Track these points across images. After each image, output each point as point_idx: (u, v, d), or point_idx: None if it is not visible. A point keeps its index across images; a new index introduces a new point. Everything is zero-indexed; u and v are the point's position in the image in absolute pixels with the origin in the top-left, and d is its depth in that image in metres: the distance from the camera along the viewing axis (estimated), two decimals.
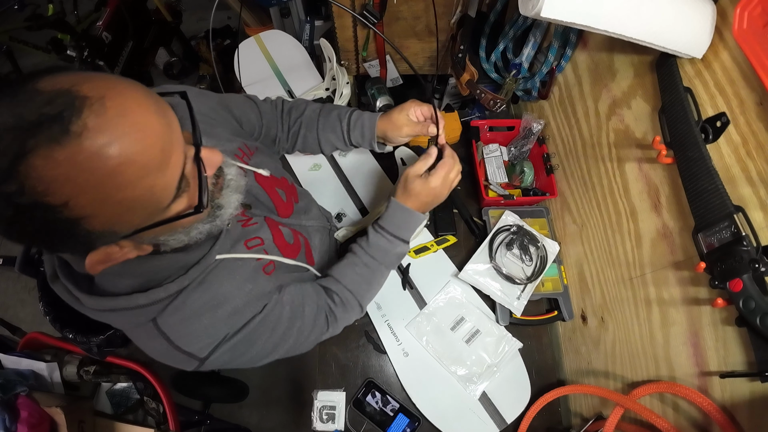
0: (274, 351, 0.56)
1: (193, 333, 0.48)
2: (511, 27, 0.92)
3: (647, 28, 0.50)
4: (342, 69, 0.99)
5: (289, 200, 0.71)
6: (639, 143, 0.64)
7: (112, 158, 0.30)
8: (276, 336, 0.55)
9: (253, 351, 0.53)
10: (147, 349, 0.50)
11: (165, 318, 0.46)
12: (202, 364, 0.50)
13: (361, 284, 0.66)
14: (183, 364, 0.50)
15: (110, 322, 0.48)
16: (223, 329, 0.50)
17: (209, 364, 0.51)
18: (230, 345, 0.51)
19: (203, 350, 0.49)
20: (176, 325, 0.47)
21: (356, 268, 0.66)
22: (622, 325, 0.70)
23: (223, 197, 0.45)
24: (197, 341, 0.49)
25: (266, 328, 0.54)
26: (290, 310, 0.57)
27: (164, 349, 0.48)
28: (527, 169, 0.99)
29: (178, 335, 0.47)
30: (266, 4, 1.30)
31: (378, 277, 0.68)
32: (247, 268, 0.54)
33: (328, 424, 0.80)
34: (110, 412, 1.01)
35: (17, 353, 0.97)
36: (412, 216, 0.65)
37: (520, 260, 0.88)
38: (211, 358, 0.50)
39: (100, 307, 0.45)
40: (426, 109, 0.71)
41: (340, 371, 0.86)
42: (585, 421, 0.75)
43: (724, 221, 0.46)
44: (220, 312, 0.49)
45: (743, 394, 0.48)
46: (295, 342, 0.58)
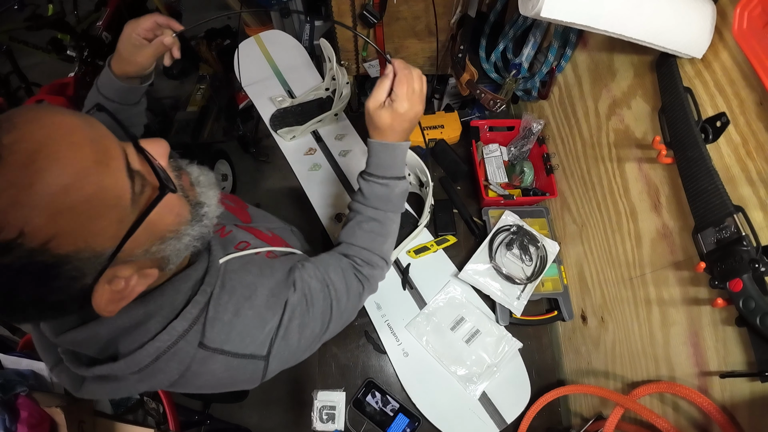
0: (324, 326, 0.54)
1: (244, 332, 0.46)
2: (511, 27, 0.92)
3: (647, 28, 0.50)
4: (342, 69, 0.99)
5: (241, 207, 0.74)
6: (639, 143, 0.64)
7: (38, 162, 0.28)
8: (317, 309, 0.53)
9: (306, 332, 0.52)
10: (211, 381, 0.46)
11: (209, 335, 0.44)
12: (267, 364, 0.48)
13: (375, 239, 0.62)
14: (249, 374, 0.48)
15: (160, 381, 0.44)
16: (269, 316, 0.48)
17: (274, 364, 0.49)
18: (283, 332, 0.49)
19: (262, 346, 0.47)
20: (224, 333, 0.45)
21: (363, 225, 0.62)
22: (622, 325, 0.70)
23: (200, 194, 0.44)
24: (251, 338, 0.46)
25: (306, 305, 0.52)
26: (317, 281, 0.55)
27: (225, 365, 0.45)
28: (527, 169, 0.99)
29: (230, 341, 0.45)
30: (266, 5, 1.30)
31: (389, 225, 0.63)
32: (254, 260, 0.55)
33: (328, 424, 0.80)
34: (110, 412, 1.00)
35: (17, 353, 0.97)
36: (396, 150, 0.58)
37: (520, 260, 0.88)
38: (273, 352, 0.48)
39: (142, 363, 0.41)
40: (149, 23, 0.57)
41: (340, 371, 0.86)
42: (585, 421, 0.75)
43: (723, 221, 0.46)
44: (257, 300, 0.48)
45: (743, 394, 0.48)
46: (338, 309, 0.56)
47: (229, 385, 0.48)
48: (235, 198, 0.77)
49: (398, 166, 0.60)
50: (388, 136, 0.57)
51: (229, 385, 0.49)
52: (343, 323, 0.60)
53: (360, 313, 0.89)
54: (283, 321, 0.49)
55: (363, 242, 0.62)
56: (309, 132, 1.08)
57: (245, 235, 0.61)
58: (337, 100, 1.05)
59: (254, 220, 0.73)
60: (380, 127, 0.56)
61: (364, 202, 0.61)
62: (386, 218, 0.62)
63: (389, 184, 0.60)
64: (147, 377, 0.43)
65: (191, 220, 0.42)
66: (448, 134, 1.04)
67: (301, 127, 1.05)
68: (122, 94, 0.62)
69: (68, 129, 0.31)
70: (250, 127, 2.03)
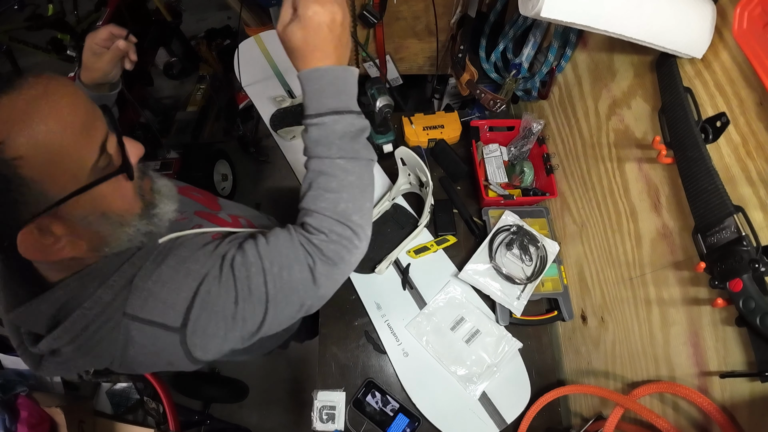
0: (262, 303, 0.48)
1: (159, 299, 0.45)
2: (511, 27, 0.92)
3: (647, 28, 0.50)
4: None
5: (211, 199, 0.73)
6: (639, 143, 0.64)
7: (43, 103, 0.36)
8: (246, 283, 0.48)
9: (233, 308, 0.47)
10: (147, 356, 0.46)
11: (130, 302, 0.45)
12: (185, 338, 0.46)
13: (323, 197, 0.50)
14: (171, 348, 0.46)
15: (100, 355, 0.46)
16: (186, 285, 0.46)
17: (197, 339, 0.46)
18: (200, 302, 0.46)
19: (177, 317, 0.45)
20: (142, 299, 0.45)
21: (311, 184, 0.51)
22: (622, 325, 0.70)
23: (157, 200, 0.49)
24: (165, 306, 0.45)
25: (233, 278, 0.48)
26: (252, 254, 0.49)
27: (145, 335, 0.45)
28: (527, 169, 0.99)
29: (146, 308, 0.45)
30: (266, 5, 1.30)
31: (341, 177, 0.50)
32: (195, 239, 0.53)
33: (328, 424, 0.80)
34: (110, 412, 1.01)
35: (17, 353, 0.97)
36: (324, 75, 0.48)
37: (520, 260, 0.88)
38: (191, 326, 0.45)
39: (73, 332, 0.43)
40: (105, 33, 0.61)
41: (340, 371, 0.86)
42: (585, 421, 0.75)
43: (723, 221, 0.46)
44: (180, 271, 0.47)
45: (743, 394, 0.48)
46: (277, 284, 0.48)
47: (164, 362, 0.48)
48: (205, 192, 0.75)
49: (332, 95, 0.48)
50: (310, 57, 0.47)
51: (164, 363, 0.48)
52: (298, 303, 0.50)
53: (360, 313, 0.89)
54: (199, 291, 0.46)
55: (312, 204, 0.50)
56: None
57: (200, 220, 0.61)
58: None
59: (223, 208, 0.71)
60: (296, 47, 0.47)
61: (308, 154, 0.51)
62: (334, 168, 0.49)
63: (324, 122, 0.48)
64: (85, 350, 0.45)
65: (140, 215, 0.46)
66: (448, 134, 1.04)
67: (301, 127, 1.05)
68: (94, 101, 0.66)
69: (78, 98, 0.40)
70: (250, 127, 2.03)
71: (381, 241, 0.93)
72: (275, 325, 0.52)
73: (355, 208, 0.51)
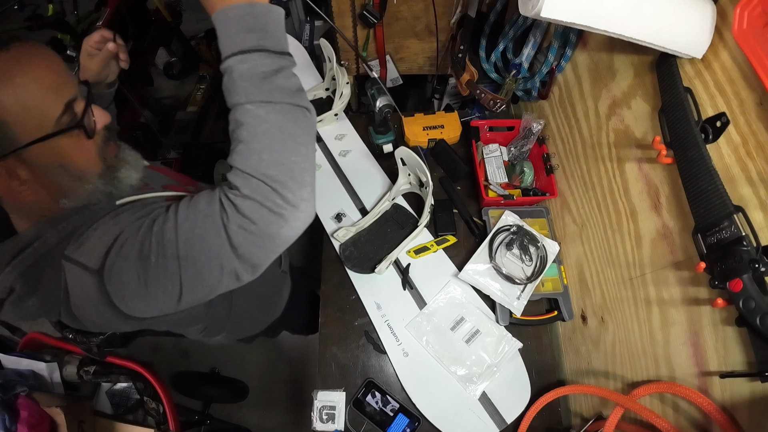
0: (166, 253, 0.46)
1: (88, 243, 0.49)
2: (511, 27, 0.92)
3: (647, 28, 0.50)
4: (342, 69, 0.99)
5: (188, 179, 0.76)
6: (639, 143, 0.64)
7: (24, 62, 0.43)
8: (159, 233, 0.47)
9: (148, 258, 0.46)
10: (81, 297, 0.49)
11: (71, 246, 0.49)
12: (101, 282, 0.47)
13: (238, 149, 0.45)
14: (91, 290, 0.48)
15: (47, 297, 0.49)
16: (110, 232, 0.49)
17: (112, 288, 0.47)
18: (117, 249, 0.47)
19: (97, 259, 0.47)
20: (77, 244, 0.49)
21: (240, 136, 0.45)
22: (622, 325, 0.70)
23: (120, 165, 0.54)
24: (90, 248, 0.49)
25: (148, 227, 0.48)
26: (175, 208, 0.48)
27: (74, 276, 0.48)
28: (527, 169, 0.99)
29: (78, 251, 0.49)
30: None
31: (262, 125, 0.45)
32: (151, 201, 0.56)
33: (328, 424, 0.80)
34: (110, 412, 1.00)
35: (17, 353, 0.97)
36: (233, 11, 0.44)
37: (520, 260, 0.88)
38: (107, 271, 0.47)
39: (21, 268, 0.48)
40: (97, 36, 0.63)
41: (340, 371, 0.86)
42: (585, 421, 0.75)
43: (724, 221, 0.46)
44: (112, 221, 0.51)
45: (743, 394, 0.48)
46: (186, 238, 0.46)
47: (98, 314, 0.50)
48: (185, 176, 0.78)
49: (238, 34, 0.44)
50: None
51: (98, 314, 0.50)
52: (218, 265, 0.46)
53: (360, 313, 0.89)
54: (118, 238, 0.48)
55: (230, 158, 0.47)
56: None
57: (168, 192, 0.63)
58: (337, 100, 1.05)
59: (198, 189, 0.71)
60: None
61: (240, 101, 0.45)
62: (244, 115, 0.45)
63: (230, 65, 0.44)
64: (32, 287, 0.49)
65: (100, 175, 0.52)
66: (448, 134, 1.04)
67: None
68: None
69: (53, 62, 0.47)
70: None
71: (381, 241, 0.93)
72: (201, 289, 0.49)
73: (272, 161, 0.44)
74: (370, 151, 1.05)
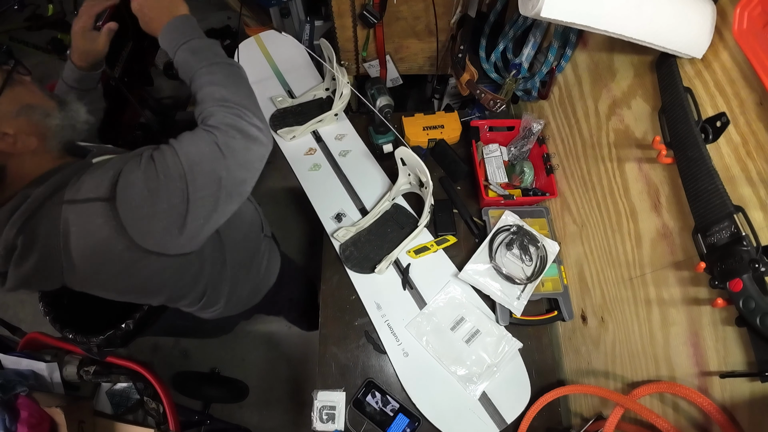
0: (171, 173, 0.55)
1: (90, 182, 0.54)
2: (511, 27, 0.92)
3: (647, 28, 0.50)
4: (342, 69, 0.99)
5: None
6: (639, 143, 0.64)
7: None
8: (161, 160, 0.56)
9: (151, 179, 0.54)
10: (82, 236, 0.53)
11: (68, 193, 0.53)
12: (115, 208, 0.52)
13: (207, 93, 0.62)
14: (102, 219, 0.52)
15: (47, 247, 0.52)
16: (111, 169, 0.55)
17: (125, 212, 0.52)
18: (124, 179, 0.54)
19: (106, 190, 0.53)
20: (76, 188, 0.53)
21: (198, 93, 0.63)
22: (622, 325, 0.70)
23: (69, 102, 0.62)
24: (95, 185, 0.54)
25: (148, 158, 0.56)
26: (166, 144, 0.59)
27: (79, 213, 0.52)
28: (527, 169, 0.99)
29: (81, 191, 0.53)
30: (266, 5, 1.30)
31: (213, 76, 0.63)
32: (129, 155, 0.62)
33: (328, 424, 0.80)
34: (110, 412, 1.00)
35: (17, 353, 0.97)
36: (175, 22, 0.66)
37: (520, 260, 0.88)
38: (119, 197, 0.52)
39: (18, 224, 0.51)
40: (87, 18, 0.74)
41: (340, 371, 0.86)
42: (585, 421, 0.75)
43: (724, 221, 0.46)
44: (107, 165, 0.56)
45: (743, 394, 0.48)
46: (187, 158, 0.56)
47: (104, 248, 0.54)
48: None
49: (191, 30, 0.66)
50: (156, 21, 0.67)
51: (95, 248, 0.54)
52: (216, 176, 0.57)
53: (360, 313, 0.89)
54: (123, 170, 0.55)
55: (199, 107, 0.62)
56: (309, 132, 1.08)
57: None
58: (337, 100, 1.05)
59: None
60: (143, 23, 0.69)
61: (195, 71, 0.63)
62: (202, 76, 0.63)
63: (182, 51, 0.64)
64: (31, 242, 0.52)
65: (58, 109, 0.60)
66: (448, 134, 1.04)
67: (301, 127, 1.05)
68: (80, 81, 0.78)
69: None
70: None
71: (381, 241, 0.93)
72: (202, 208, 0.57)
73: (233, 93, 0.62)
74: (370, 151, 1.05)
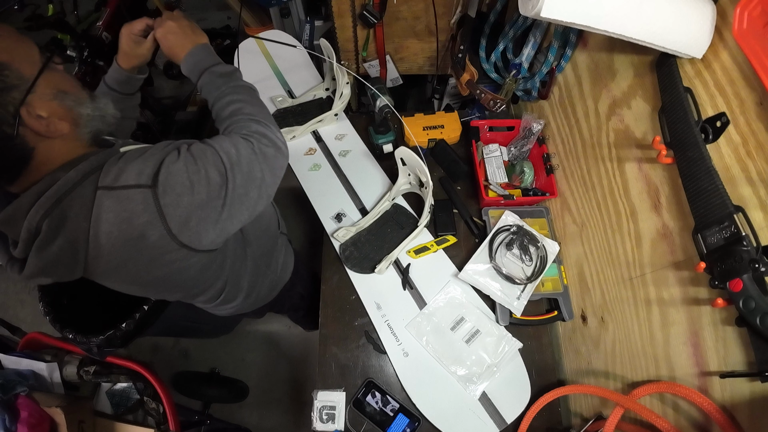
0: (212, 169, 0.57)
1: (129, 170, 0.54)
2: (511, 27, 0.92)
3: (647, 28, 0.50)
4: (342, 69, 0.99)
5: None
6: (639, 143, 0.64)
7: None
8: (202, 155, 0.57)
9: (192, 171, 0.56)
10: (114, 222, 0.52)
11: (102, 177, 0.53)
12: (156, 192, 0.53)
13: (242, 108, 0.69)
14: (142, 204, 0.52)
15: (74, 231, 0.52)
16: (151, 159, 0.55)
17: (168, 198, 0.53)
18: (166, 168, 0.54)
19: (147, 178, 0.53)
20: (113, 175, 0.53)
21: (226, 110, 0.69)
22: (622, 325, 0.70)
23: (99, 97, 0.61)
24: (137, 173, 0.54)
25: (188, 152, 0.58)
26: (204, 141, 0.61)
27: (117, 199, 0.52)
28: (527, 169, 0.99)
29: (118, 179, 0.53)
30: (266, 5, 1.30)
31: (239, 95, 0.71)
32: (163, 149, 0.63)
33: (328, 424, 0.80)
34: (110, 412, 1.00)
35: (17, 353, 0.97)
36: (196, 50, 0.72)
37: (520, 260, 0.88)
38: (161, 182, 0.53)
39: (46, 206, 0.51)
40: (142, 25, 0.76)
41: (340, 371, 0.86)
42: (585, 421, 0.75)
43: (724, 221, 0.46)
44: (145, 155, 0.57)
45: (743, 394, 0.48)
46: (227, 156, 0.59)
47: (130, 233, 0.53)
48: None
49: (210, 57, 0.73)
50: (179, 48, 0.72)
51: (130, 234, 0.53)
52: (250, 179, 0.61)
53: (360, 313, 0.89)
54: (164, 161, 0.55)
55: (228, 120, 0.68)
56: (309, 132, 1.08)
57: None
58: (337, 100, 1.05)
59: None
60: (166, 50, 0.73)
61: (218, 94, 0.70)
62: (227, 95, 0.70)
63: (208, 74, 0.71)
64: (58, 225, 0.51)
65: (90, 99, 0.59)
66: (448, 134, 1.04)
67: (301, 127, 1.05)
68: (122, 83, 0.79)
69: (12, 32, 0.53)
70: None
71: (381, 241, 0.93)
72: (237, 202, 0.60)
73: (256, 111, 0.69)
74: (370, 151, 1.05)
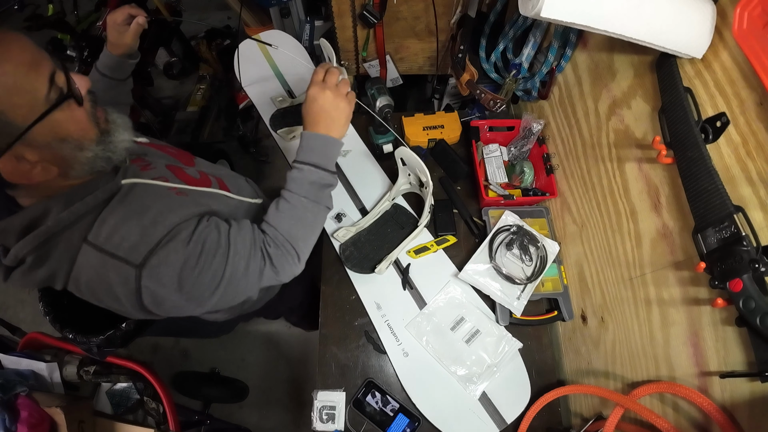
0: (215, 280, 0.57)
1: (124, 237, 0.52)
2: (511, 27, 0.92)
3: (647, 28, 0.50)
4: (342, 69, 0.99)
5: (187, 156, 0.78)
6: (639, 143, 0.64)
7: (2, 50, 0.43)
8: (208, 257, 0.56)
9: (190, 271, 0.54)
10: (93, 279, 0.52)
11: (94, 232, 0.51)
12: (139, 276, 0.51)
13: (292, 226, 0.65)
14: (123, 279, 0.51)
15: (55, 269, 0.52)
16: (152, 232, 0.53)
17: (148, 282, 0.52)
18: (163, 253, 0.52)
19: (138, 255, 0.51)
20: (106, 233, 0.51)
21: (283, 209, 0.65)
22: (622, 325, 0.70)
23: (112, 128, 0.56)
24: (129, 244, 0.51)
25: (198, 244, 0.56)
26: (221, 234, 0.59)
27: (101, 262, 0.51)
28: (527, 169, 0.99)
29: (110, 242, 0.51)
30: (266, 5, 1.30)
31: (308, 215, 0.66)
32: (159, 189, 0.60)
33: (328, 424, 0.80)
34: (110, 412, 1.00)
35: (17, 353, 0.97)
36: (321, 139, 0.66)
37: (520, 260, 0.88)
38: (147, 268, 0.51)
39: (34, 243, 0.50)
40: (122, 14, 0.75)
41: (340, 371, 0.86)
42: (585, 421, 0.75)
43: (724, 221, 0.46)
44: (146, 218, 0.54)
45: (743, 394, 0.48)
46: (233, 271, 0.58)
47: (106, 290, 0.53)
48: (183, 151, 0.80)
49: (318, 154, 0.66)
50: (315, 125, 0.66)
51: (106, 291, 0.53)
52: (236, 293, 0.62)
53: (360, 313, 0.89)
54: (162, 241, 0.53)
55: (280, 225, 0.65)
56: None
57: (167, 172, 0.66)
58: None
59: (196, 165, 0.77)
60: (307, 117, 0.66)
61: (288, 187, 0.66)
62: (305, 206, 0.66)
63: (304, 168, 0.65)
64: (42, 260, 0.52)
65: (97, 141, 0.54)
66: (448, 134, 1.04)
67: (301, 127, 1.05)
68: (113, 69, 0.79)
69: (24, 42, 0.46)
70: (250, 127, 2.03)
71: (381, 241, 0.93)
72: (217, 306, 0.60)
73: (303, 237, 0.66)
74: (370, 151, 1.05)
